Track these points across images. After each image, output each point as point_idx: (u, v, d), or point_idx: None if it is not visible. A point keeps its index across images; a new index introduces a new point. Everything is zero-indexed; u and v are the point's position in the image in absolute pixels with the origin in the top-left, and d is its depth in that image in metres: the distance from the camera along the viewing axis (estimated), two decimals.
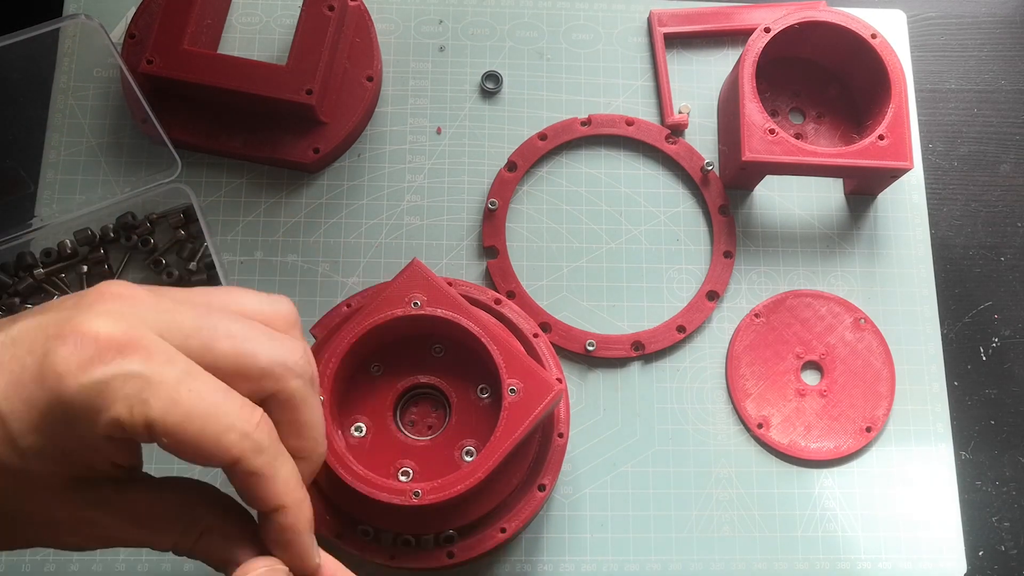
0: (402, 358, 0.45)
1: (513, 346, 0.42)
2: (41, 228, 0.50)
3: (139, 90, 0.49)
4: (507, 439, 0.40)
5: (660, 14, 0.57)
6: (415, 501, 0.39)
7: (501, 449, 0.40)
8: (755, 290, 0.54)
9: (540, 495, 0.44)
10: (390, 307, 0.42)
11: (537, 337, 0.46)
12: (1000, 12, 0.62)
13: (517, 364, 0.41)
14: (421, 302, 0.42)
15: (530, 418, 0.40)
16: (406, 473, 0.43)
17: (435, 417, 0.45)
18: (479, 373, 0.44)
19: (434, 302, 0.42)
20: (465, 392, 0.44)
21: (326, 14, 0.51)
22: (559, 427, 0.45)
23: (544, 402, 0.40)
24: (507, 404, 0.40)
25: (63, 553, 0.47)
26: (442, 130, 0.55)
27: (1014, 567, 0.51)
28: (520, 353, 0.42)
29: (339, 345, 0.41)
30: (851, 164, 0.51)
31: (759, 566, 0.49)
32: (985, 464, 0.53)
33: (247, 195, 0.53)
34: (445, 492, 0.39)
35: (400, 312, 0.42)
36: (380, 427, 0.44)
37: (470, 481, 0.39)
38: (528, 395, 0.41)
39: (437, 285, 0.42)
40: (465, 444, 0.43)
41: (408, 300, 0.42)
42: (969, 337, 0.55)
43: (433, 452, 0.43)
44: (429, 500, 0.39)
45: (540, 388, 0.41)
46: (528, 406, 0.40)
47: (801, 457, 0.51)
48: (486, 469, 0.39)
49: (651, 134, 0.55)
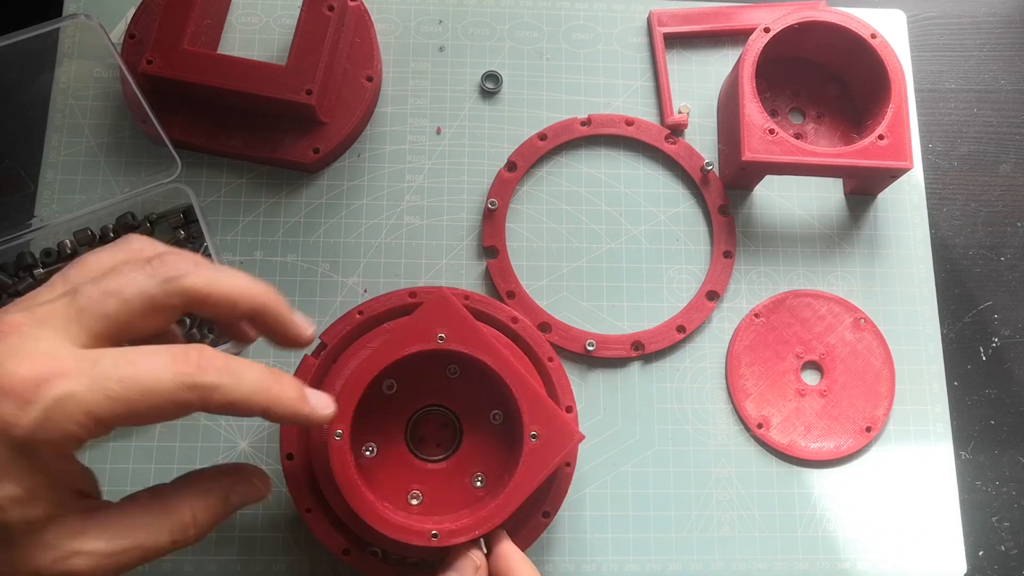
0: (417, 377, 0.44)
1: (535, 388, 0.42)
2: (41, 228, 0.50)
3: (139, 90, 0.49)
4: (526, 484, 0.40)
5: (660, 14, 0.57)
6: (434, 543, 0.39)
7: (520, 495, 0.40)
8: (755, 290, 0.54)
9: (544, 521, 0.44)
10: (415, 340, 0.41)
11: (552, 361, 0.46)
12: (1000, 12, 0.62)
13: (540, 410, 0.41)
14: (446, 336, 0.42)
15: (550, 465, 0.40)
16: (416, 497, 0.42)
17: (444, 436, 0.45)
18: (493, 397, 0.44)
19: (458, 336, 0.42)
20: (477, 416, 0.44)
21: (326, 14, 0.51)
22: (567, 457, 0.45)
23: (564, 450, 0.41)
24: (527, 450, 0.40)
25: None
26: (442, 130, 0.55)
27: (1014, 567, 0.51)
28: (542, 397, 0.41)
29: (362, 377, 0.41)
30: (851, 164, 0.51)
31: (759, 566, 0.49)
32: (985, 464, 0.53)
33: (247, 195, 0.53)
34: (463, 536, 0.39)
35: (426, 347, 0.41)
36: (391, 447, 0.43)
37: (489, 525, 0.39)
38: (548, 441, 0.41)
39: (463, 318, 0.42)
40: (476, 471, 0.43)
41: (434, 334, 0.41)
42: (969, 337, 0.55)
43: (444, 476, 0.43)
44: (448, 543, 0.39)
45: (561, 435, 0.41)
46: (548, 453, 0.40)
47: (801, 457, 0.51)
48: (505, 515, 0.39)
49: (651, 134, 0.55)
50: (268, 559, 0.47)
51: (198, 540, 0.33)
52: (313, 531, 0.43)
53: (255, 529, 0.48)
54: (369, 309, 0.45)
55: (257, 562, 0.47)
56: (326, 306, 0.51)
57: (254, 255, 0.52)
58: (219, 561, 0.47)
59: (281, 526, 0.48)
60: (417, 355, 0.42)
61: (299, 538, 0.48)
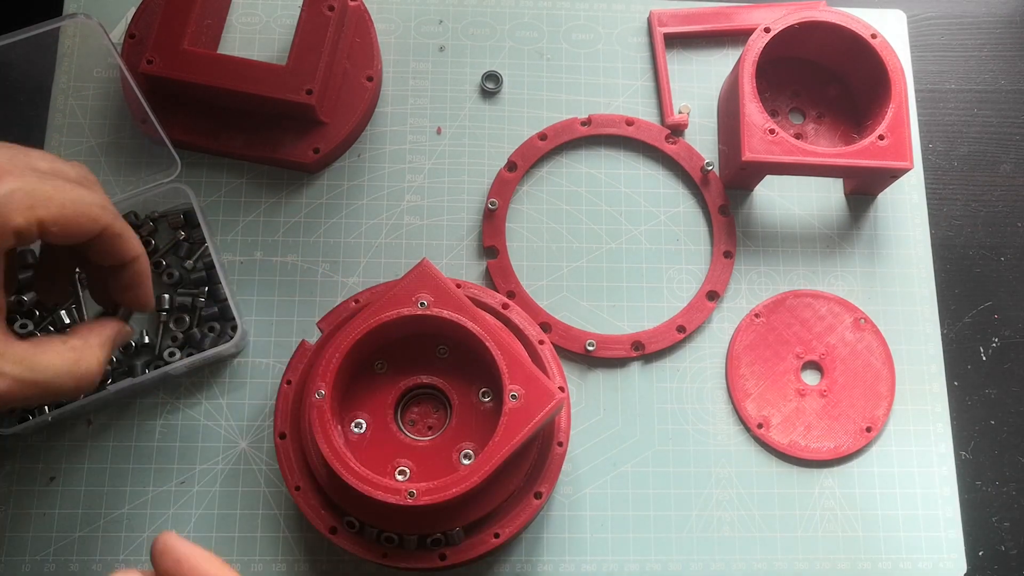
0: (406, 356, 0.45)
1: (517, 351, 0.42)
2: None
3: (139, 90, 0.49)
4: (505, 444, 0.40)
5: (660, 14, 0.57)
6: (410, 501, 0.39)
7: (499, 454, 0.40)
8: (755, 290, 0.54)
9: (536, 502, 0.44)
10: (397, 305, 0.42)
11: (543, 344, 0.46)
12: (1000, 12, 0.62)
13: (520, 370, 0.41)
14: (428, 302, 0.42)
15: (530, 425, 0.40)
16: (403, 472, 0.43)
17: (436, 418, 0.45)
18: (482, 376, 0.44)
19: (441, 303, 0.42)
20: (467, 394, 0.44)
21: (326, 14, 0.51)
22: (559, 436, 0.45)
23: (545, 410, 0.40)
24: (507, 410, 0.40)
25: (63, 552, 0.47)
26: (442, 130, 0.55)
27: (1014, 567, 0.51)
28: (524, 359, 0.42)
29: (344, 340, 0.41)
30: (851, 164, 0.51)
31: (759, 566, 0.49)
32: (985, 464, 0.53)
33: (247, 195, 0.53)
34: (440, 494, 0.39)
35: (407, 311, 0.42)
36: (380, 425, 0.44)
37: (466, 484, 0.39)
38: (529, 402, 0.41)
39: (445, 286, 0.42)
40: (464, 447, 0.43)
41: (415, 300, 0.42)
42: (969, 337, 0.55)
43: (431, 453, 0.43)
44: (424, 501, 0.39)
45: (542, 395, 0.41)
46: (529, 413, 0.40)
47: (801, 457, 0.51)
48: (482, 474, 0.39)
49: (651, 134, 0.55)
50: (268, 559, 0.47)
51: (91, 388, 0.36)
52: (302, 509, 0.43)
53: (255, 529, 0.48)
54: (364, 299, 0.46)
55: (257, 562, 0.47)
56: (326, 306, 0.51)
57: (254, 255, 0.52)
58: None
59: (281, 526, 0.48)
60: (404, 329, 0.42)
61: (299, 538, 0.48)
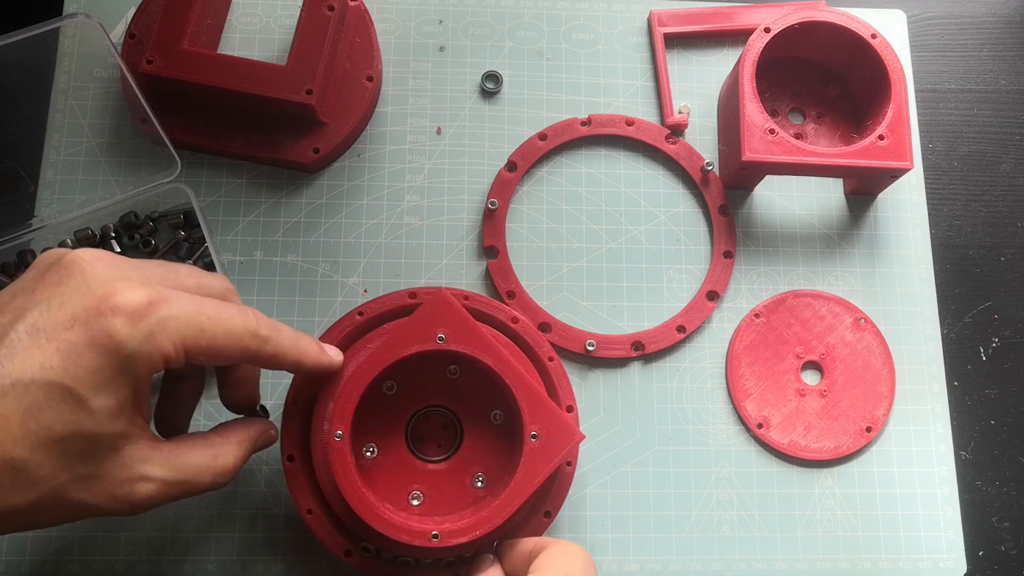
0: (417, 377, 0.44)
1: (535, 388, 0.42)
2: (41, 228, 0.50)
3: (139, 90, 0.49)
4: (527, 485, 0.40)
5: (660, 14, 0.57)
6: (434, 544, 0.39)
7: (521, 495, 0.40)
8: (755, 290, 0.54)
9: (545, 521, 0.44)
10: (415, 340, 0.41)
11: (552, 361, 0.46)
12: (1000, 12, 0.62)
13: (540, 409, 0.41)
14: (446, 336, 0.41)
15: (550, 464, 0.40)
16: (417, 497, 0.42)
17: (445, 436, 0.45)
18: (493, 397, 0.44)
19: (458, 336, 0.42)
20: (478, 416, 0.44)
21: (326, 14, 0.51)
22: (568, 456, 0.45)
23: (564, 450, 0.40)
24: (527, 450, 0.40)
25: (63, 553, 0.47)
26: (442, 130, 0.55)
27: (1014, 567, 0.51)
28: (542, 396, 0.41)
29: (360, 379, 0.41)
30: (851, 164, 0.51)
31: (759, 566, 0.49)
32: (985, 464, 0.53)
33: (247, 195, 0.53)
34: (464, 536, 0.39)
35: (426, 348, 0.41)
36: (391, 447, 0.43)
37: (488, 526, 0.39)
38: (548, 441, 0.40)
39: (462, 319, 0.42)
40: (477, 471, 0.43)
41: (433, 335, 0.41)
42: (969, 337, 0.55)
43: (444, 477, 0.43)
44: (449, 543, 0.39)
45: (561, 435, 0.41)
46: (548, 452, 0.40)
47: (801, 457, 0.51)
48: (505, 515, 0.39)
49: (651, 134, 0.55)
50: (268, 559, 0.47)
51: (227, 485, 0.37)
52: (315, 532, 0.43)
53: (255, 529, 0.48)
54: (369, 310, 0.45)
55: (257, 562, 0.47)
56: (326, 306, 0.51)
57: (254, 255, 0.52)
58: (219, 561, 0.47)
59: (281, 526, 0.48)
60: (417, 355, 0.42)
61: (299, 538, 0.48)
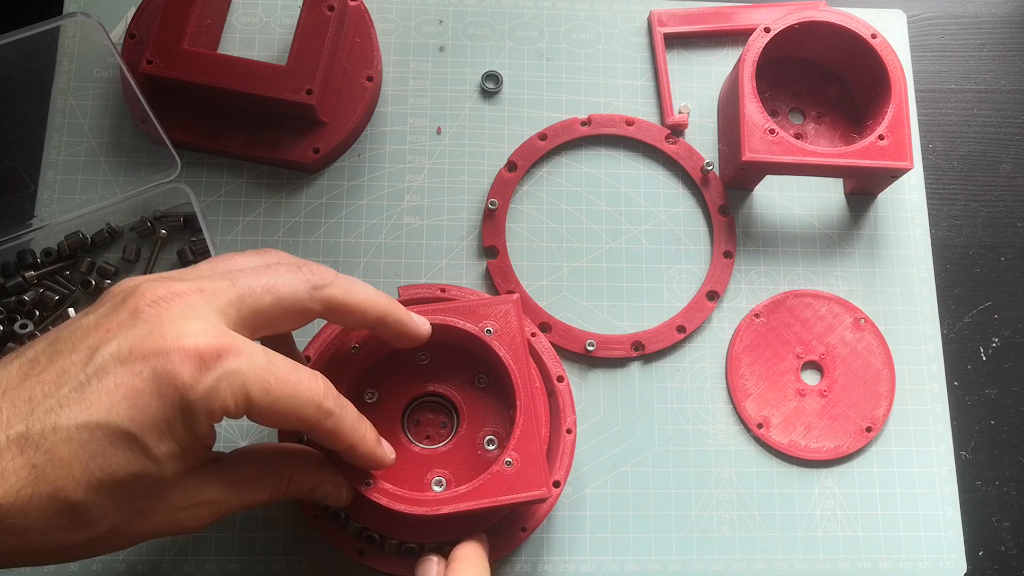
0: (390, 377, 0.44)
1: (538, 423, 0.42)
2: (41, 228, 0.50)
3: (139, 90, 0.49)
4: (478, 499, 0.39)
5: (660, 14, 0.57)
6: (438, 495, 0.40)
7: (468, 502, 0.39)
8: (755, 290, 0.54)
9: (521, 535, 0.44)
10: (470, 320, 0.42)
11: (561, 381, 0.46)
12: (1000, 12, 0.62)
13: (529, 444, 0.40)
14: (493, 331, 0.43)
15: (506, 497, 0.39)
16: (439, 483, 0.42)
17: (442, 417, 0.45)
18: (472, 364, 0.44)
19: (506, 339, 0.42)
20: (463, 386, 0.45)
21: (326, 14, 0.51)
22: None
23: (525, 495, 0.39)
24: (496, 470, 0.40)
25: None
26: (442, 130, 0.55)
27: (1014, 567, 0.51)
28: (539, 436, 0.41)
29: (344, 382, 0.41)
30: (851, 164, 0.51)
31: (759, 566, 0.49)
32: (985, 464, 0.53)
33: (247, 195, 0.53)
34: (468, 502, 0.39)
35: (470, 330, 0.42)
36: (396, 448, 0.43)
37: (445, 509, 0.39)
38: (518, 476, 0.40)
39: (518, 328, 0.43)
40: (486, 434, 0.43)
41: (483, 326, 0.42)
42: (969, 337, 0.55)
43: (458, 454, 0.43)
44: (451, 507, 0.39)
45: (532, 478, 0.40)
46: (511, 486, 0.40)
47: (801, 457, 0.51)
48: (451, 510, 0.39)
49: (651, 134, 0.55)
50: (268, 559, 0.47)
51: (276, 503, 0.37)
52: (325, 536, 0.43)
53: (255, 529, 0.48)
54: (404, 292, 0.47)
55: (257, 562, 0.47)
56: None
57: None
58: (219, 561, 0.47)
59: (281, 526, 0.48)
60: (382, 352, 0.43)
61: (299, 538, 0.48)
